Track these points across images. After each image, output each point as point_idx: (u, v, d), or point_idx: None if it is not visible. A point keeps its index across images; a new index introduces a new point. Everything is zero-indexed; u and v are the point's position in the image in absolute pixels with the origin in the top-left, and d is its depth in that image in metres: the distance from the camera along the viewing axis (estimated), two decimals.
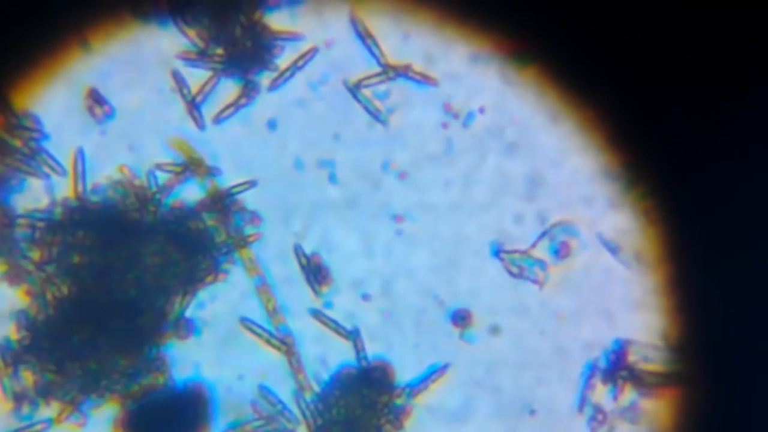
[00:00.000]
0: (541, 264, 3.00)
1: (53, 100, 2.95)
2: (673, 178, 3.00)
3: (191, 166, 2.84)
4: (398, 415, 2.96)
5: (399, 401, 2.96)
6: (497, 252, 2.95)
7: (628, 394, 3.01)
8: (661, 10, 2.99)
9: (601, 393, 3.01)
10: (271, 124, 2.99)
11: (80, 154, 2.88)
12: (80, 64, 2.95)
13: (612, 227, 3.03)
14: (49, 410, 2.88)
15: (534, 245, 3.01)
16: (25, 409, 2.86)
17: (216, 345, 2.97)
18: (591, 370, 2.99)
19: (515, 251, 3.01)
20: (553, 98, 3.02)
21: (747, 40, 2.99)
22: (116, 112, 2.95)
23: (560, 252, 2.98)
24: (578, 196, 3.04)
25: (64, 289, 2.84)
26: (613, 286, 3.03)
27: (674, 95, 3.01)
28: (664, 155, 3.00)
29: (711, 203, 3.00)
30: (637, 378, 2.98)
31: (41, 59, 2.93)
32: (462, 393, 3.02)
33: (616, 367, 2.99)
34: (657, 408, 3.00)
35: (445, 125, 3.02)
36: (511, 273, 2.99)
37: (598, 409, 3.00)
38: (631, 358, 2.98)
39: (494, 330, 3.02)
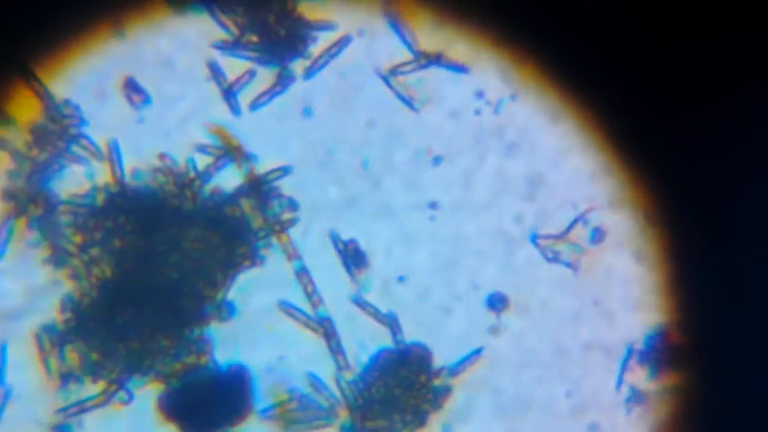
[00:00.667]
0: (577, 248, 3.00)
1: (90, 87, 2.97)
2: (673, 178, 3.00)
3: (229, 152, 2.86)
4: (437, 395, 2.96)
5: (437, 382, 2.97)
6: (534, 237, 2.96)
7: (666, 376, 3.01)
8: (662, 9, 2.99)
9: (638, 375, 3.01)
10: (306, 112, 2.99)
11: (114, 146, 2.90)
12: (115, 50, 2.97)
13: (612, 227, 3.03)
14: (93, 390, 2.92)
15: (569, 230, 3.01)
16: (71, 388, 2.90)
17: (256, 328, 2.97)
18: (630, 352, 2.99)
19: (551, 236, 3.00)
20: (553, 98, 3.02)
21: (748, 40, 2.99)
22: (153, 100, 2.96)
23: (596, 236, 2.99)
24: (578, 196, 3.04)
25: (107, 272, 2.88)
26: (613, 286, 3.03)
27: (674, 95, 3.01)
28: (664, 155, 3.00)
29: (711, 203, 3.00)
30: (673, 360, 2.99)
31: (76, 45, 2.95)
32: (462, 393, 3.02)
33: (655, 350, 2.99)
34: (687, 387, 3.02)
35: (478, 112, 3.02)
36: (546, 257, 2.99)
37: (634, 390, 3.00)
38: (670, 341, 2.99)
39: (494, 330, 3.03)
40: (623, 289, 3.03)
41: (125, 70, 2.97)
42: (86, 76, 2.96)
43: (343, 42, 2.98)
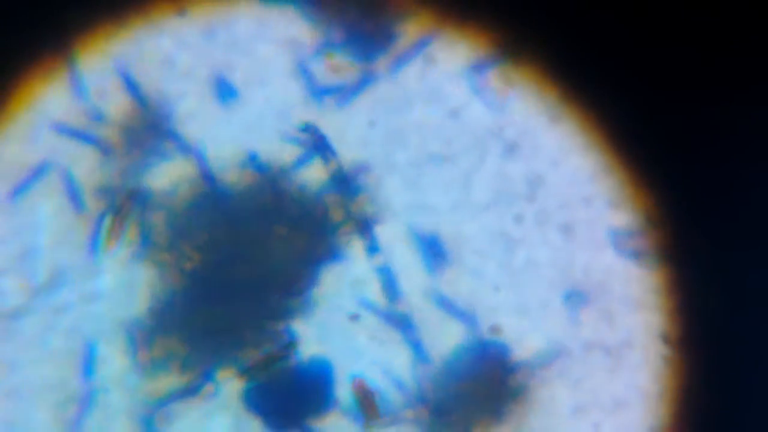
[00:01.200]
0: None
1: (179, 84, 3.00)
2: (673, 178, 3.00)
3: (315, 148, 2.88)
4: (515, 392, 2.98)
5: (515, 379, 2.98)
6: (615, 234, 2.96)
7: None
8: (663, 9, 2.99)
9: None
10: (389, 109, 3.00)
11: (199, 149, 2.94)
12: (201, 48, 3.00)
13: (612, 227, 3.04)
14: (180, 382, 2.96)
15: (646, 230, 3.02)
16: (157, 381, 2.94)
17: (337, 323, 2.99)
18: None
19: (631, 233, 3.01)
20: (553, 98, 3.02)
21: (748, 39, 2.99)
22: (240, 96, 2.99)
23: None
24: (578, 195, 3.04)
25: (193, 267, 2.94)
26: (613, 286, 3.03)
27: (675, 95, 3.01)
28: (664, 155, 3.00)
29: (711, 203, 3.00)
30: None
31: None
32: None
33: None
34: None
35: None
36: (631, 255, 2.99)
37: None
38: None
39: (494, 330, 3.03)
40: (623, 289, 3.03)
41: (214, 69, 2.99)
42: (175, 74, 3.00)
43: (427, 39, 2.98)
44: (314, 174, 3.00)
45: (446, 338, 3.01)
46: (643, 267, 3.01)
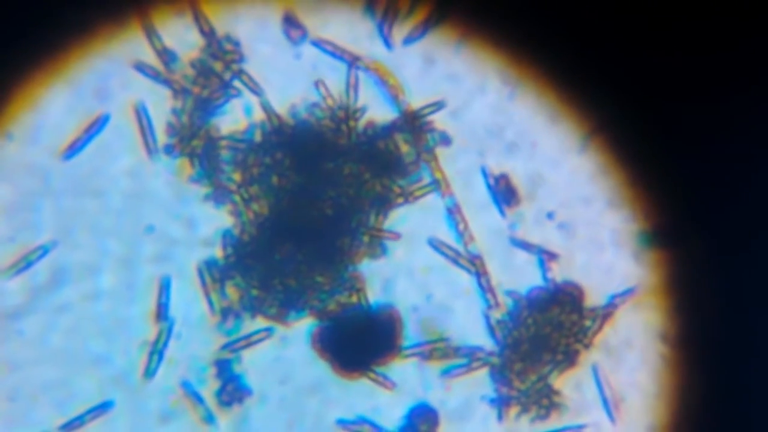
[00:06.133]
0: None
1: (248, 24, 2.99)
2: (674, 179, 3.01)
3: (384, 87, 2.86)
4: (588, 335, 2.97)
5: (588, 322, 2.97)
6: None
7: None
8: (663, 10, 2.99)
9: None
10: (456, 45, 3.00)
11: (261, 91, 2.96)
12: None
13: (611, 226, 3.04)
14: (252, 324, 2.98)
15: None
16: (230, 323, 2.97)
17: (405, 265, 2.99)
18: None
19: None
20: (553, 98, 3.02)
21: (748, 39, 2.99)
22: (309, 35, 2.99)
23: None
24: (578, 195, 3.04)
25: (265, 209, 2.92)
26: (613, 285, 3.04)
27: (675, 94, 3.01)
28: (664, 155, 3.01)
29: (711, 203, 3.01)
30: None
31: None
32: (462, 393, 3.03)
33: None
34: None
35: None
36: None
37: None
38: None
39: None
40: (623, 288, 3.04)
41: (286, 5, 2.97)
42: (246, 14, 2.99)
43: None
44: (385, 112, 2.98)
45: (518, 282, 3.00)
46: (642, 266, 3.02)
